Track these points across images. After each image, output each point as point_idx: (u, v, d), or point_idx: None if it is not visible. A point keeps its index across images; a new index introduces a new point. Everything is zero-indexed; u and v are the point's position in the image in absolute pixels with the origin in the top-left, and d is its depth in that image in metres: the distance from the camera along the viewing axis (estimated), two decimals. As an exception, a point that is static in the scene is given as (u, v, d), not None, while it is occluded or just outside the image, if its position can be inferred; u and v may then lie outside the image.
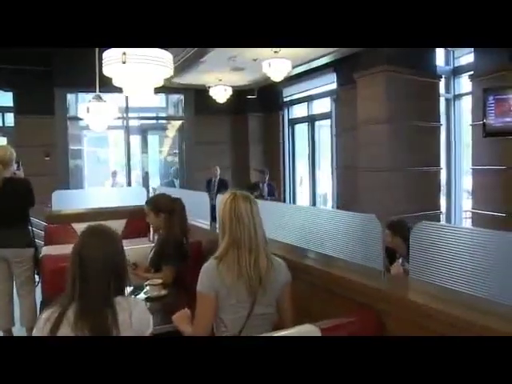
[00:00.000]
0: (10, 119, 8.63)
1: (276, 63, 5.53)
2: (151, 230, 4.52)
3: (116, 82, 2.59)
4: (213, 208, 3.94)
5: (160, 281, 2.87)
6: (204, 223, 3.97)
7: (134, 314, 1.74)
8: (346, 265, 2.23)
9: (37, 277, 3.94)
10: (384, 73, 6.06)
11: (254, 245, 2.04)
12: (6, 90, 8.47)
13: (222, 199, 2.13)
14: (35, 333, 1.75)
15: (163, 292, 2.84)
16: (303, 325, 1.84)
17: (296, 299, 2.18)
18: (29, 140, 7.82)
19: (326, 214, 2.39)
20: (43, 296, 3.46)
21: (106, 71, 2.50)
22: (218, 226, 2.16)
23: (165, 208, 3.44)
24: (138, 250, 3.57)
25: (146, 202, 3.59)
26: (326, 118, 8.50)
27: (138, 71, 2.43)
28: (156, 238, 3.95)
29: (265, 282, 2.03)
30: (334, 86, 7.99)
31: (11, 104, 8.47)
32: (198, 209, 4.05)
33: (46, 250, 4.26)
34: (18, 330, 4.03)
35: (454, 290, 1.74)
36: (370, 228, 2.07)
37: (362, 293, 2.03)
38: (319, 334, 1.75)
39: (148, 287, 2.83)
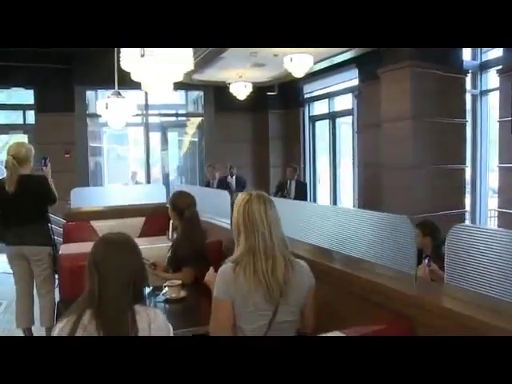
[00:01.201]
0: (31, 117, 8.64)
1: (297, 58, 5.41)
2: (170, 228, 4.46)
3: (134, 77, 2.51)
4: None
5: (179, 282, 2.79)
6: (224, 222, 3.88)
7: (154, 325, 1.67)
8: (375, 268, 2.11)
9: (56, 276, 3.90)
10: (409, 68, 5.89)
11: (269, 250, 1.92)
12: (27, 88, 8.51)
13: (236, 200, 2.04)
14: None
15: (182, 293, 2.75)
16: (330, 332, 1.73)
17: (321, 304, 2.07)
18: (49, 137, 7.83)
19: (355, 214, 2.28)
20: (61, 295, 3.42)
21: (124, 65, 2.42)
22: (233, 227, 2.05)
23: (182, 206, 3.36)
24: (156, 248, 3.51)
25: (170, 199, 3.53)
26: (348, 115, 8.35)
27: (157, 66, 2.35)
28: (174, 236, 3.89)
29: (286, 288, 1.92)
30: (355, 82, 7.84)
31: (32, 102, 8.50)
32: (218, 207, 3.96)
33: (64, 248, 4.21)
34: (38, 329, 4.01)
35: (492, 297, 1.63)
36: (402, 230, 1.95)
37: (392, 298, 1.92)
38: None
39: (167, 288, 2.74)
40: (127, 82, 4.61)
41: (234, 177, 8.11)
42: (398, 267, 1.98)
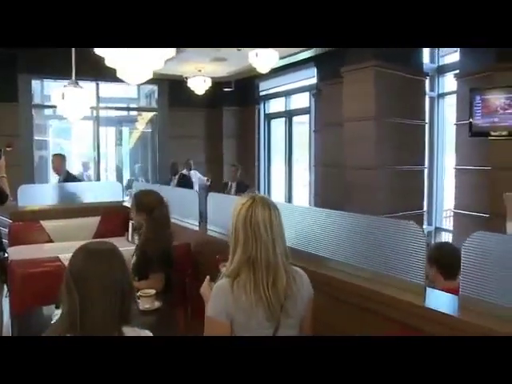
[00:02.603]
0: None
1: (263, 53, 5.24)
2: (130, 229, 4.18)
3: (109, 63, 2.25)
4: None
5: (153, 291, 2.54)
6: (192, 223, 3.65)
7: None
8: (379, 277, 1.96)
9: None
10: (373, 68, 5.86)
11: (272, 262, 1.71)
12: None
13: (236, 203, 1.80)
14: None
15: (157, 304, 2.51)
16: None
17: (320, 316, 1.91)
18: (-8, 128, 7.28)
19: (355, 219, 2.12)
20: (12, 308, 3.06)
21: (98, 50, 2.16)
22: (229, 233, 1.81)
23: (149, 206, 3.10)
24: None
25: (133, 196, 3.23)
26: (305, 114, 8.28)
27: (137, 51, 2.10)
28: (136, 238, 3.62)
29: (287, 303, 1.73)
30: (313, 80, 7.77)
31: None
32: (185, 208, 3.72)
33: (12, 252, 3.85)
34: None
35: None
36: (409, 237, 1.82)
37: (399, 309, 1.78)
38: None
39: (140, 300, 2.48)
40: (80, 73, 4.32)
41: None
42: (405, 277, 1.84)
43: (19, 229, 4.50)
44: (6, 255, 3.62)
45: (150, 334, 1.54)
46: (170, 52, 2.22)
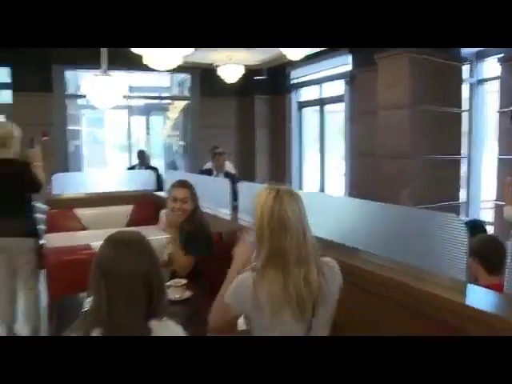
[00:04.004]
0: (7, 96, 8.15)
1: (296, 40, 5.09)
2: (163, 217, 4.16)
3: (138, 51, 2.21)
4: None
5: (184, 281, 2.52)
6: (224, 213, 3.62)
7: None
8: (417, 272, 1.88)
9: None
10: (407, 54, 5.67)
11: (303, 256, 1.63)
12: (2, 66, 8.01)
13: (259, 196, 1.72)
14: None
15: (187, 294, 2.49)
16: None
17: (353, 309, 1.85)
18: (27, 119, 7.38)
19: (392, 211, 2.03)
20: (49, 293, 3.12)
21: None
22: (253, 226, 1.74)
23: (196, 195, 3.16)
24: (154, 241, 3.23)
25: (185, 186, 3.19)
26: (338, 102, 8.11)
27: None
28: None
29: (319, 300, 1.65)
30: (348, 67, 7.59)
31: (8, 80, 8.01)
32: (217, 197, 3.69)
33: (47, 238, 3.91)
34: (22, 328, 3.69)
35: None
36: (450, 230, 1.72)
37: (439, 307, 1.70)
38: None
39: (170, 289, 2.46)
40: (112, 62, 4.32)
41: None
42: (446, 272, 1.75)
43: (54, 216, 4.57)
44: (42, 242, 3.67)
45: (180, 329, 1.49)
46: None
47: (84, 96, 6.66)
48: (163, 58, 2.17)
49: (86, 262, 1.53)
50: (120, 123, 9.37)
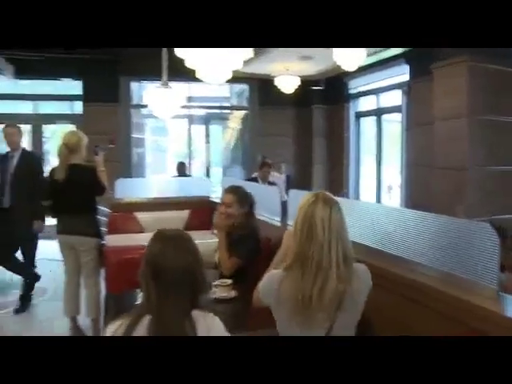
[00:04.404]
0: (78, 107, 8.75)
1: (350, 51, 5.19)
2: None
3: (188, 64, 2.39)
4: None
5: (229, 281, 2.67)
6: (274, 219, 3.74)
7: (212, 334, 1.53)
8: (448, 278, 1.92)
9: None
10: (466, 63, 5.58)
11: (324, 264, 1.71)
12: (75, 79, 8.58)
13: (302, 199, 1.84)
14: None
15: (233, 293, 2.63)
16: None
17: (384, 312, 1.92)
18: (95, 127, 7.86)
19: (424, 218, 2.09)
20: (107, 288, 3.37)
21: (179, 52, 2.30)
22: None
23: (250, 200, 3.30)
24: (205, 244, 3.40)
25: (231, 191, 3.34)
26: (396, 112, 8.06)
27: (216, 52, 2.22)
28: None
29: (341, 306, 1.73)
30: (405, 77, 7.54)
31: (79, 92, 8.59)
32: (267, 204, 3.82)
33: (109, 239, 4.19)
34: (83, 320, 3.99)
35: None
36: (482, 238, 1.76)
37: (468, 312, 1.74)
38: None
39: (217, 288, 2.62)
40: (173, 74, 4.57)
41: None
42: (475, 278, 1.79)
43: (116, 219, 4.88)
44: (103, 242, 3.96)
45: (219, 320, 1.63)
46: (248, 53, 2.30)
47: (147, 106, 7.02)
48: (213, 72, 2.33)
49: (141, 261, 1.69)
50: (181, 132, 9.75)
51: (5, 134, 4.67)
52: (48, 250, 5.43)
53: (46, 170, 4.76)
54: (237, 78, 7.73)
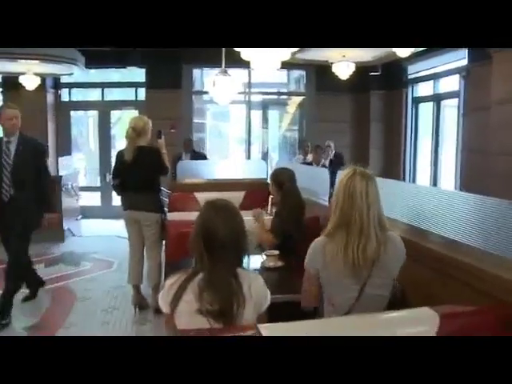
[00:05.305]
0: (141, 94, 9.24)
1: (404, 38, 5.21)
2: (270, 202, 4.63)
3: (244, 56, 2.65)
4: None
5: (276, 252, 2.95)
6: (323, 199, 3.97)
7: (254, 287, 1.81)
8: (478, 253, 2.09)
9: (164, 241, 4.25)
10: (526, 47, 5.50)
11: (365, 226, 1.98)
12: (140, 67, 9.05)
13: (341, 175, 2.11)
14: (160, 296, 1.87)
15: (279, 263, 2.92)
16: (421, 308, 1.78)
17: (418, 284, 2.12)
18: (157, 113, 8.28)
19: (459, 196, 2.27)
20: (167, 258, 3.74)
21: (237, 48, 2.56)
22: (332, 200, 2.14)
23: (281, 179, 3.54)
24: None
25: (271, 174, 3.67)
26: (454, 97, 7.96)
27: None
28: (273, 211, 4.04)
29: (375, 266, 1.99)
30: (463, 62, 7.44)
31: (143, 80, 9.07)
32: (317, 185, 4.06)
33: (170, 217, 4.55)
34: (145, 287, 4.40)
35: None
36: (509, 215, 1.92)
37: (494, 284, 1.90)
38: (437, 319, 1.67)
39: (266, 257, 2.92)
40: (233, 61, 4.84)
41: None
42: (504, 254, 1.95)
43: (176, 198, 5.26)
44: (166, 217, 4.33)
45: (259, 276, 1.90)
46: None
47: (207, 92, 7.37)
48: (265, 64, 2.58)
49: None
50: (240, 117, 10.05)
51: (6, 117, 3.96)
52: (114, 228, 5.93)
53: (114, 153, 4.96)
54: (295, 64, 7.94)
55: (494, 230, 2.02)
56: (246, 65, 4.13)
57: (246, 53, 2.61)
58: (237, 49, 2.56)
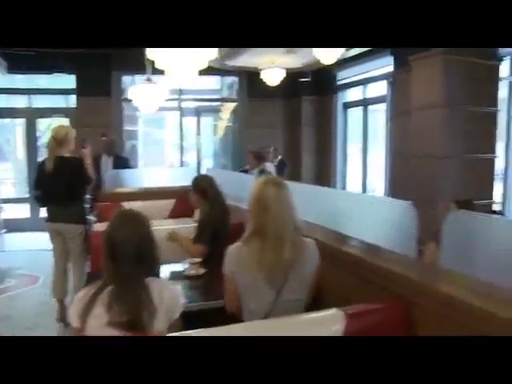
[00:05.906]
0: (72, 101, 8.98)
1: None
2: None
3: (158, 65, 2.65)
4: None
5: (198, 260, 2.97)
6: (247, 205, 4.00)
7: (165, 294, 1.81)
8: (381, 252, 2.19)
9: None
10: (440, 55, 5.81)
11: (280, 232, 2.01)
12: (69, 73, 8.78)
13: (253, 184, 2.15)
14: (70, 310, 1.86)
15: (201, 271, 2.92)
16: (329, 309, 1.83)
17: (326, 283, 2.18)
18: (88, 121, 8.11)
19: (360, 198, 2.37)
20: (91, 270, 3.64)
21: (149, 54, 2.56)
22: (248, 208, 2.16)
23: (203, 186, 3.54)
24: (183, 229, 3.66)
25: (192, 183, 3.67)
26: (381, 102, 8.28)
27: (181, 53, 2.46)
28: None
29: (291, 270, 2.03)
30: (390, 68, 7.75)
31: (74, 86, 8.79)
32: (240, 190, 4.08)
33: (97, 227, 4.44)
34: (70, 302, 4.26)
35: (488, 283, 1.66)
36: (405, 215, 2.03)
37: (391, 280, 1.99)
38: (344, 319, 1.74)
39: (188, 265, 2.92)
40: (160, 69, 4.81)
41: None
42: (400, 250, 2.05)
43: (104, 208, 5.11)
44: (90, 228, 4.23)
45: (173, 285, 1.90)
46: (212, 53, 2.54)
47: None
48: (181, 72, 2.58)
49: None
50: (175, 124, 9.98)
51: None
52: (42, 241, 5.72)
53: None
54: (226, 71, 7.97)
55: (397, 230, 2.12)
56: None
57: (160, 62, 2.60)
58: (151, 57, 2.56)
